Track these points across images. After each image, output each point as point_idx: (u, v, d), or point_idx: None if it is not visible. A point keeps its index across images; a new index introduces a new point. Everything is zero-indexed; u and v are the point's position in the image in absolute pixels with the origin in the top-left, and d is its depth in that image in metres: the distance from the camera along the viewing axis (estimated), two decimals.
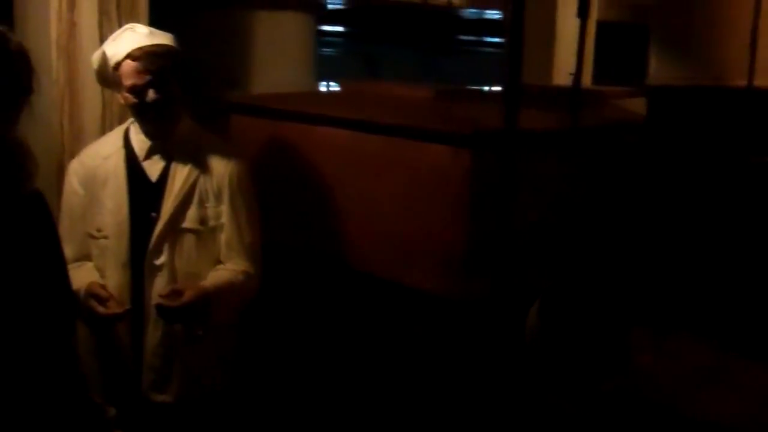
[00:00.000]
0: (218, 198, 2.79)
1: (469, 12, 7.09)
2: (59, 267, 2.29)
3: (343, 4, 6.62)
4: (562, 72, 5.48)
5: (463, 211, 2.73)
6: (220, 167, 2.80)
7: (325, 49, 11.67)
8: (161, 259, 2.71)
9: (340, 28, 10.83)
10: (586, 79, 3.23)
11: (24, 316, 2.12)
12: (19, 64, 2.11)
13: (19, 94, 2.09)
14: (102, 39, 3.20)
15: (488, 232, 2.69)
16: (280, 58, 5.21)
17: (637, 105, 3.66)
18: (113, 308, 2.61)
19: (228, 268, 2.78)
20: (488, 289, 2.62)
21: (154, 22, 3.20)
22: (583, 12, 2.76)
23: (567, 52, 5.64)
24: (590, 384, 2.04)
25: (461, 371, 2.77)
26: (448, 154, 2.74)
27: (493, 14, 7.70)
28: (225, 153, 2.84)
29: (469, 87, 3.75)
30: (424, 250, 2.82)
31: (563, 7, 5.77)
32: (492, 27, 9.23)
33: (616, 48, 6.35)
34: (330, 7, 6.26)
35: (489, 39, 12.19)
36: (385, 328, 3.01)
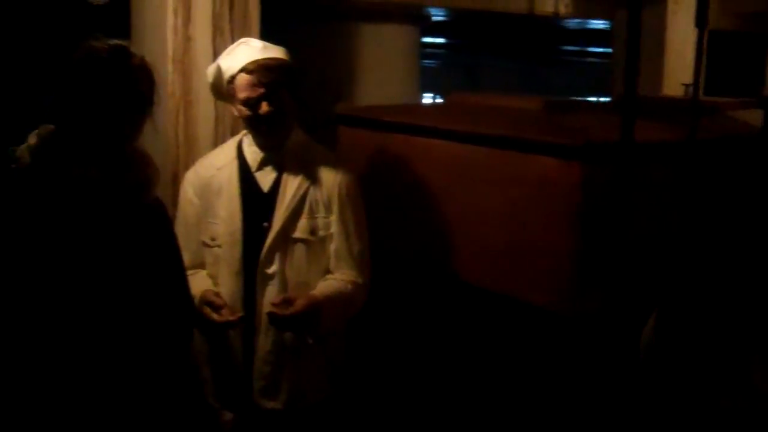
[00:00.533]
0: (328, 208, 2.82)
1: (574, 22, 6.99)
2: (179, 273, 2.36)
3: (445, 16, 6.60)
4: (673, 83, 5.37)
5: (574, 224, 2.69)
6: (330, 178, 2.83)
7: (426, 61, 11.73)
8: (273, 268, 2.76)
9: (441, 40, 10.84)
10: (699, 90, 3.14)
11: (145, 321, 2.19)
12: (141, 77, 2.19)
13: (141, 106, 2.17)
14: (215, 53, 3.28)
15: (599, 245, 2.65)
16: (385, 70, 5.27)
17: (752, 117, 3.56)
18: (227, 315, 2.67)
19: (337, 278, 2.81)
20: (600, 303, 2.58)
21: (265, 35, 3.26)
22: (701, 21, 2.69)
23: (677, 63, 5.53)
24: (706, 401, 1.99)
25: (572, 386, 2.73)
26: (558, 167, 2.71)
27: (598, 24, 7.56)
28: (334, 164, 2.87)
29: (579, 98, 3.69)
30: (533, 263, 2.79)
31: (673, 16, 5.66)
32: (596, 37, 9.09)
33: (729, 58, 6.18)
34: (433, 18, 6.26)
35: (593, 49, 12.02)
36: (492, 340, 2.99)
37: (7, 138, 2.23)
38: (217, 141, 3.33)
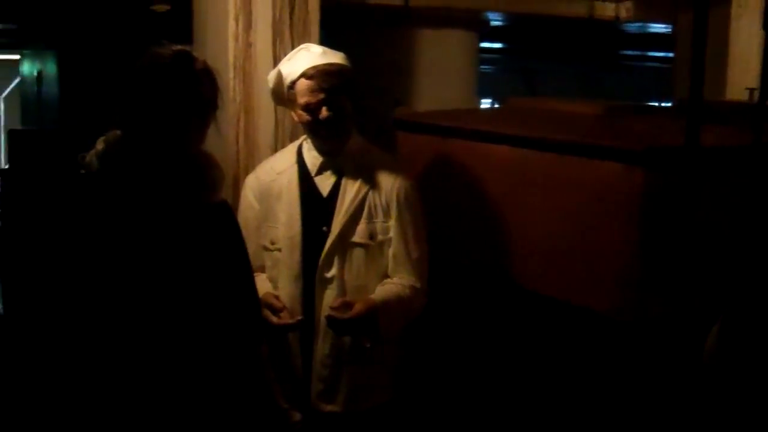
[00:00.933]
0: (387, 213, 2.83)
1: (635, 25, 6.90)
2: (247, 274, 2.38)
3: (504, 21, 6.58)
4: (736, 87, 5.27)
5: (636, 230, 2.66)
6: (389, 183, 2.84)
7: (484, 66, 11.69)
8: (331, 272, 2.77)
9: (498, 45, 10.79)
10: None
11: (215, 322, 2.21)
12: (203, 81, 2.22)
13: (204, 110, 2.20)
14: (276, 59, 3.32)
15: (662, 251, 2.62)
16: (443, 75, 5.27)
17: None
18: (286, 318, 2.70)
19: (395, 282, 2.82)
20: (662, 310, 2.54)
21: (325, 41, 3.28)
22: (767, 23, 2.64)
23: (741, 67, 5.43)
24: None
25: (633, 392, 2.70)
26: (620, 172, 2.68)
27: (659, 28, 7.46)
28: (393, 169, 2.88)
29: (641, 103, 3.65)
30: (595, 269, 2.76)
31: (737, 19, 5.56)
32: (658, 41, 8.97)
33: None
34: (492, 23, 6.25)
35: (654, 53, 11.86)
36: (551, 346, 2.97)
37: (79, 144, 2.28)
38: (277, 146, 3.37)
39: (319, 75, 2.74)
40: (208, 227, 2.24)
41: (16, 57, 13.07)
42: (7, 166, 6.36)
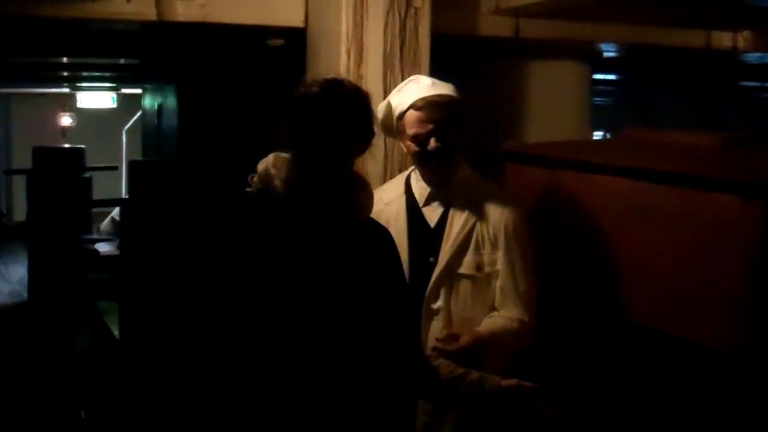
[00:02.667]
0: (494, 245, 2.81)
1: (754, 56, 6.70)
2: (406, 299, 2.40)
3: (617, 52, 6.48)
4: None
5: (752, 264, 2.56)
6: (497, 214, 2.82)
7: (598, 98, 11.52)
8: (438, 304, 2.77)
9: (613, 76, 10.63)
10: None
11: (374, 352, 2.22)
12: (352, 107, 2.22)
13: (353, 133, 2.21)
14: (386, 91, 3.36)
15: None
16: (554, 107, 5.22)
17: None
18: None
19: (503, 315, 2.79)
20: None
21: (435, 72, 3.30)
22: None
23: None
24: None
25: (749, 430, 2.59)
26: (736, 205, 2.60)
27: None
28: (501, 200, 2.86)
29: (760, 135, 3.54)
30: (710, 304, 2.67)
31: None
32: None
33: None
34: (605, 55, 6.16)
35: None
36: (664, 382, 2.88)
37: (196, 174, 2.34)
38: (387, 176, 3.39)
39: (427, 106, 2.76)
40: (372, 249, 2.28)
41: (138, 91, 13.62)
42: (127, 196, 6.60)
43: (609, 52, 6.11)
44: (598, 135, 11.72)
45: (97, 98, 15.01)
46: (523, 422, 2.28)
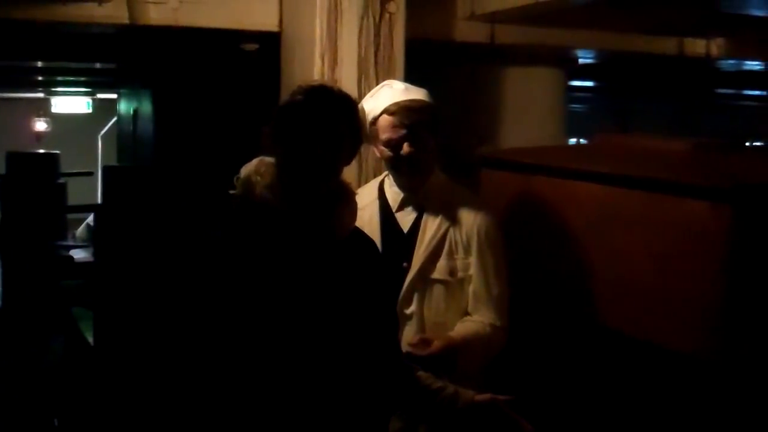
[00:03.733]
0: (467, 250, 2.81)
1: (728, 63, 6.75)
2: (390, 316, 2.39)
3: (593, 59, 6.51)
4: None
5: (723, 270, 2.58)
6: (470, 220, 2.82)
7: (574, 105, 11.57)
8: (411, 309, 2.76)
9: (589, 83, 10.68)
10: None
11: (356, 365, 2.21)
12: (339, 116, 2.20)
13: (338, 143, 2.19)
14: (361, 96, 3.34)
15: (749, 292, 2.53)
16: (530, 114, 5.23)
17: None
18: None
19: (475, 320, 2.79)
20: (748, 351, 2.46)
21: (410, 78, 3.30)
22: None
23: None
24: None
25: None
26: (707, 210, 2.61)
27: (755, 65, 7.27)
28: (475, 206, 2.86)
29: (732, 140, 3.56)
30: (680, 310, 2.68)
31: None
32: (754, 79, 8.75)
33: None
34: (580, 61, 6.18)
35: (749, 92, 11.57)
36: (635, 387, 2.89)
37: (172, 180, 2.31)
38: (361, 182, 3.38)
39: (401, 111, 2.75)
40: (354, 260, 2.26)
41: (114, 96, 13.55)
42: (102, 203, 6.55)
43: (584, 58, 6.13)
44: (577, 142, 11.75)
45: (72, 103, 14.94)
46: None
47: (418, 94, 2.82)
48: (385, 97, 2.80)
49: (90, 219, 8.59)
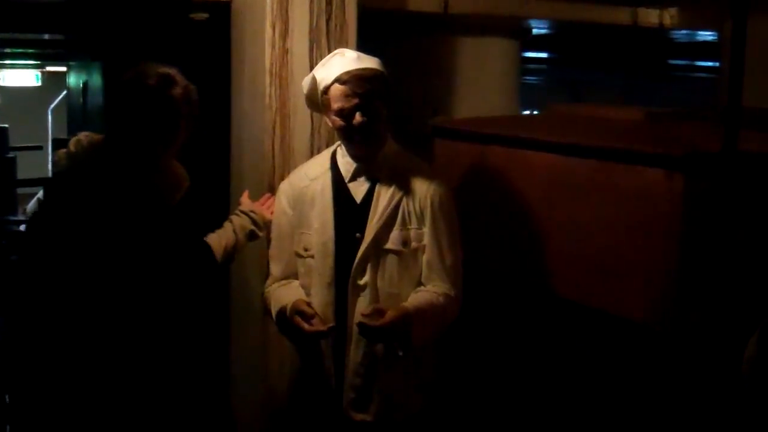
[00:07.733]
0: (420, 220, 2.79)
1: (681, 33, 6.79)
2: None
3: (547, 29, 6.51)
4: None
5: (675, 236, 2.59)
6: (423, 189, 2.80)
7: (528, 77, 11.58)
8: (364, 279, 2.74)
9: (544, 55, 10.69)
10: None
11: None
12: (179, 103, 2.55)
13: (175, 127, 2.55)
14: (312, 65, 3.31)
15: (700, 259, 2.55)
16: (483, 84, 5.22)
17: None
18: (318, 325, 2.67)
19: (429, 290, 2.77)
20: (700, 318, 2.48)
21: (362, 48, 3.26)
22: None
23: None
24: None
25: (671, 402, 2.63)
26: (660, 178, 2.62)
27: (707, 36, 7.32)
28: (428, 176, 2.84)
29: (684, 109, 3.58)
30: (632, 277, 2.70)
31: None
32: (706, 50, 8.82)
33: None
34: (534, 32, 6.18)
35: (702, 63, 11.66)
36: (586, 355, 2.91)
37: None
38: (313, 152, 3.36)
39: (353, 80, 2.71)
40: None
41: (63, 69, 13.30)
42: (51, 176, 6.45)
43: (538, 28, 6.13)
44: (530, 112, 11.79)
45: (20, 76, 14.67)
46: None
47: (370, 62, 2.78)
48: (336, 66, 2.76)
49: (41, 194, 8.47)
